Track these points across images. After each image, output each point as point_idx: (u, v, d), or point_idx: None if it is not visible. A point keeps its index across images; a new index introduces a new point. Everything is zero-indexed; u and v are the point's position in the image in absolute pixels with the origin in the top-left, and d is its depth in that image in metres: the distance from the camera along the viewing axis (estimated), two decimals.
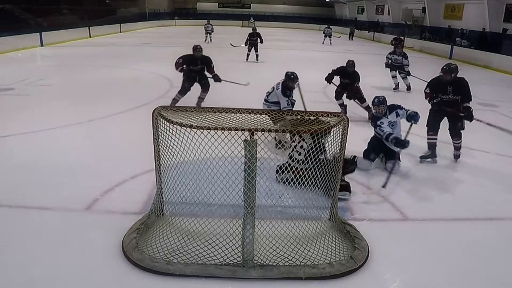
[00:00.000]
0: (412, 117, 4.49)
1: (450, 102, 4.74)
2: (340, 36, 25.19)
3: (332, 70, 6.87)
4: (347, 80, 6.67)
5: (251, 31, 13.26)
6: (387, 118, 4.59)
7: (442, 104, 4.77)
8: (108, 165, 4.42)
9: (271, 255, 2.78)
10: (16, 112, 6.47)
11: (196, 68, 6.60)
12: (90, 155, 4.71)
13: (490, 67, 14.20)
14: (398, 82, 9.30)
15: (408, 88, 9.18)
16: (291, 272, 2.66)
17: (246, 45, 13.23)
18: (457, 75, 4.70)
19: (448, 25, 20.22)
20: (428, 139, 4.91)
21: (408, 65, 9.10)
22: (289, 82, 5.14)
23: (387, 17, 27.51)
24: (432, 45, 19.11)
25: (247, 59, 13.26)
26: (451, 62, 4.89)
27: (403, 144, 4.25)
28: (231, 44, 13.99)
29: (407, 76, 9.13)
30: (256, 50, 13.17)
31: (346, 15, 36.32)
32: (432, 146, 4.89)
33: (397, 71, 9.22)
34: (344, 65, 6.74)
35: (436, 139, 4.87)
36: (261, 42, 13.23)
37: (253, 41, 13.07)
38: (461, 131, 4.81)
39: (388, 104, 4.65)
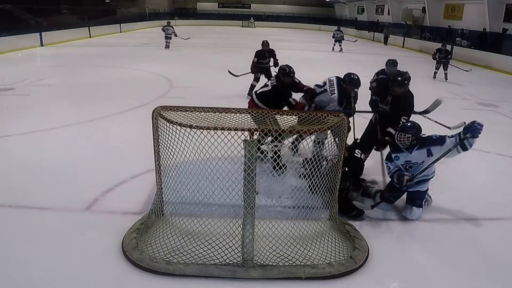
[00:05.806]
0: (471, 130, 3.14)
1: (385, 114, 3.98)
2: (356, 40, 21.97)
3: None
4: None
5: (261, 48, 7.82)
6: (410, 154, 3.34)
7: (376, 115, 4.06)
8: (108, 165, 4.42)
9: (271, 255, 2.78)
10: (16, 112, 6.46)
11: None
12: (90, 155, 4.71)
13: (490, 67, 14.20)
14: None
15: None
16: (291, 272, 2.66)
17: (253, 72, 7.77)
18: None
19: (448, 25, 20.21)
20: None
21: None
22: (349, 86, 4.07)
23: (387, 17, 27.50)
24: (432, 45, 19.08)
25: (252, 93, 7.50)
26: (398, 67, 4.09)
27: (400, 186, 3.36)
28: (229, 72, 8.46)
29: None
30: (269, 79, 6.24)
31: (346, 15, 36.31)
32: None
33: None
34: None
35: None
36: (276, 65, 7.24)
37: (263, 65, 7.75)
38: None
39: (425, 135, 3.35)
